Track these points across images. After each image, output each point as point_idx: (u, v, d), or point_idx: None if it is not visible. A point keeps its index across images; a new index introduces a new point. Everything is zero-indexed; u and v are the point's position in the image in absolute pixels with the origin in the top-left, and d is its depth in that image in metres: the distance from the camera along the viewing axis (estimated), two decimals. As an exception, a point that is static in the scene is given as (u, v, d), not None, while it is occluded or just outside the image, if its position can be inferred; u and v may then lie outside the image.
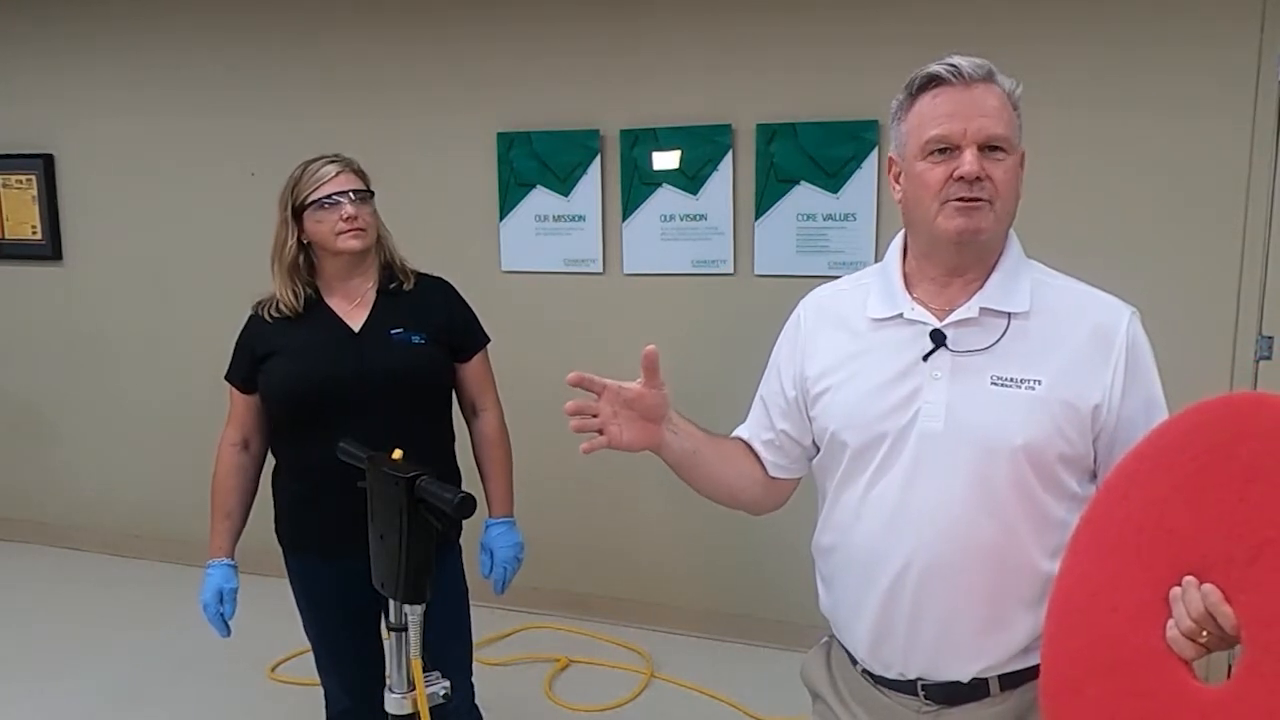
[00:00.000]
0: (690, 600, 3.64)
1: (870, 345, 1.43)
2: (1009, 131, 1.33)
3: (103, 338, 4.31)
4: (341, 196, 2.06)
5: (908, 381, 1.38)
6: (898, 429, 1.37)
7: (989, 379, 1.34)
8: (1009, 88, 1.35)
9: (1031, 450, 1.32)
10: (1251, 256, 2.88)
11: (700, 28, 3.32)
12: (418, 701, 1.62)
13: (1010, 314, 1.36)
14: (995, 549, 1.34)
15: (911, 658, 1.41)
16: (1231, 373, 2.92)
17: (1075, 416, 1.32)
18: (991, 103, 1.32)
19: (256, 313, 2.16)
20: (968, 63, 1.32)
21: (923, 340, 1.38)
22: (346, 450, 1.73)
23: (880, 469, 1.39)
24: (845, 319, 1.48)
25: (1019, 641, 1.37)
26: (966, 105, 1.32)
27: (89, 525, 4.47)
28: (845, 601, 1.49)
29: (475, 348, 2.28)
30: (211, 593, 2.13)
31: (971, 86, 1.32)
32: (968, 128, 1.31)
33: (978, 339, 1.36)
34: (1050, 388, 1.32)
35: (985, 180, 1.31)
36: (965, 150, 1.31)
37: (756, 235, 3.34)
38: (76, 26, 4.11)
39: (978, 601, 1.36)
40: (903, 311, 1.41)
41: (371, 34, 3.71)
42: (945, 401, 1.35)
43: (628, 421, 1.44)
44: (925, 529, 1.36)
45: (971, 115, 1.31)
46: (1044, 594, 1.34)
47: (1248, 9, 2.78)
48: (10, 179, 4.28)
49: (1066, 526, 1.34)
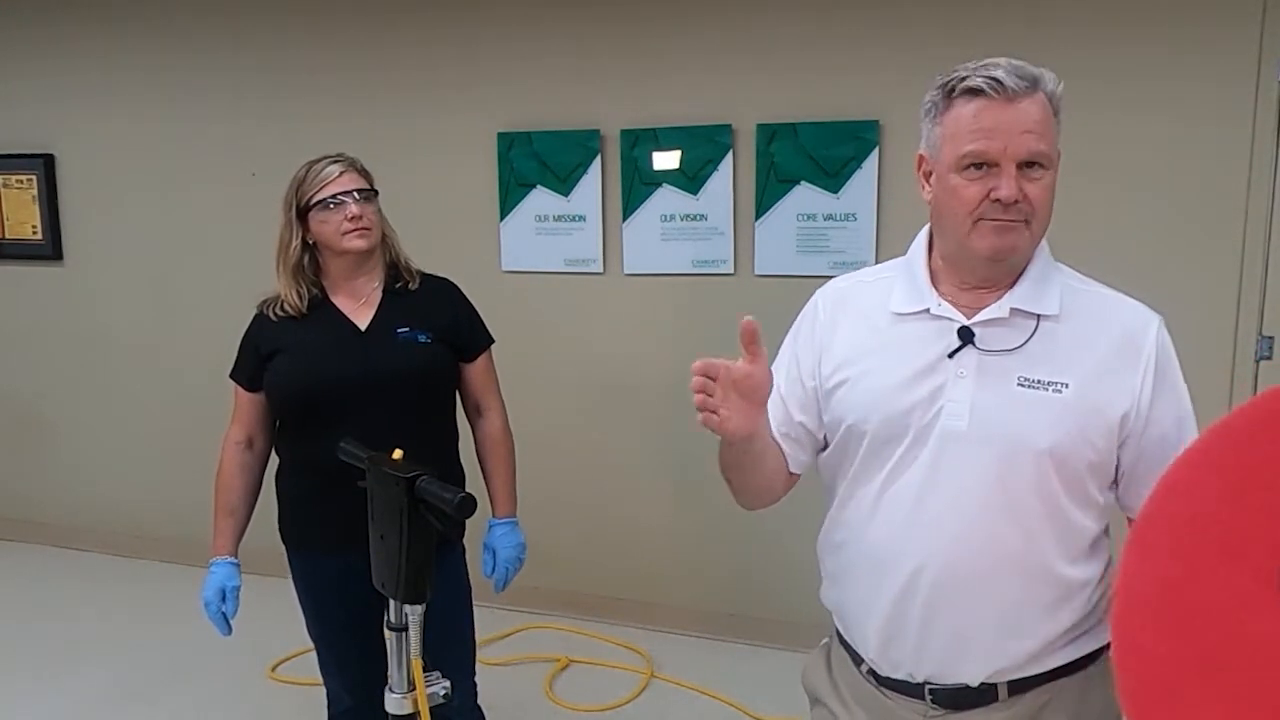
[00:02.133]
0: (690, 600, 3.64)
1: (892, 339, 1.40)
2: (1049, 147, 1.29)
3: (103, 338, 4.31)
4: (346, 196, 2.06)
5: (931, 378, 1.34)
6: (919, 426, 1.34)
7: (1016, 380, 1.31)
8: (1051, 89, 1.30)
9: (1057, 454, 1.29)
10: (1251, 257, 2.88)
11: (701, 28, 3.33)
12: (418, 701, 1.62)
13: (1040, 315, 1.33)
14: (1014, 553, 1.32)
15: (922, 659, 1.39)
16: (1231, 373, 2.92)
17: (1102, 422, 1.30)
18: (1034, 116, 1.27)
19: (262, 311, 2.16)
20: (1011, 76, 1.26)
21: (949, 336, 1.35)
22: (347, 450, 1.73)
23: (898, 467, 1.36)
24: (866, 312, 1.44)
25: (1034, 647, 1.35)
26: (1007, 122, 1.26)
27: (89, 525, 4.47)
28: (854, 599, 1.46)
29: (480, 348, 2.28)
30: (213, 590, 2.12)
31: (1014, 101, 1.26)
32: (1008, 145, 1.26)
33: (1006, 339, 1.33)
34: (1078, 392, 1.29)
35: (1022, 201, 1.28)
36: (1004, 170, 1.27)
37: (757, 235, 3.34)
38: (77, 27, 4.11)
39: (994, 606, 1.33)
40: (929, 307, 1.37)
41: (371, 34, 3.71)
42: (970, 400, 1.32)
43: (735, 405, 1.29)
44: (943, 530, 1.33)
45: (1012, 132, 1.26)
46: (1062, 599, 1.33)
47: (1248, 12, 2.78)
48: (10, 179, 4.28)
49: (1087, 532, 1.33)
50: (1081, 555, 1.34)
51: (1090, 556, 1.35)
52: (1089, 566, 1.35)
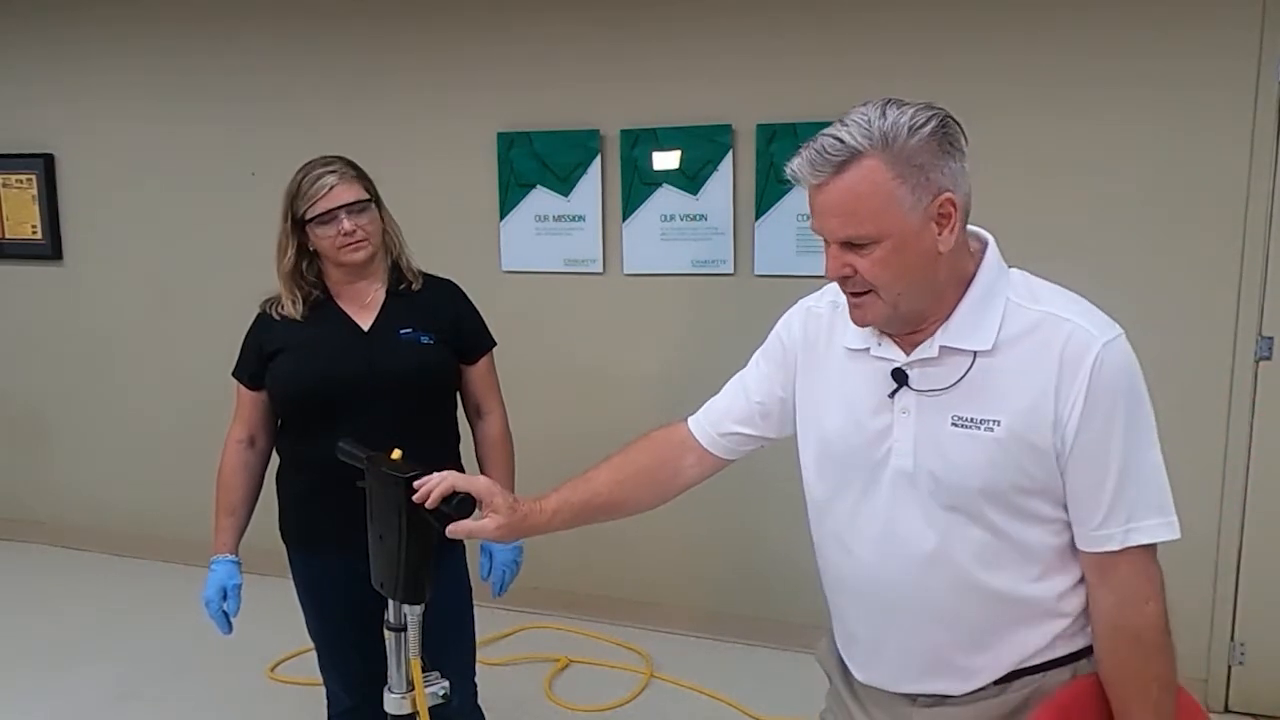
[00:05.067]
0: (690, 600, 3.64)
1: (847, 374, 1.42)
2: (865, 225, 1.24)
3: (103, 338, 4.31)
4: (339, 211, 2.05)
5: (881, 417, 1.36)
6: (874, 463, 1.37)
7: (950, 419, 1.31)
8: (893, 147, 1.22)
9: (989, 492, 1.29)
10: (1251, 257, 2.87)
11: (701, 28, 3.32)
12: (417, 701, 1.62)
13: (975, 351, 1.30)
14: (976, 582, 1.33)
15: (901, 679, 1.42)
16: (1231, 373, 2.92)
17: (1035, 453, 1.27)
18: (840, 201, 1.25)
19: (265, 310, 2.16)
20: (809, 163, 1.25)
21: (889, 377, 1.36)
22: (345, 450, 1.73)
23: (860, 501, 1.39)
24: (830, 342, 1.46)
25: (1009, 660, 1.36)
26: (819, 206, 1.28)
27: (89, 525, 4.47)
28: (838, 618, 1.51)
29: (482, 350, 2.28)
30: (214, 589, 2.12)
31: (821, 187, 1.26)
32: (822, 227, 1.29)
33: (939, 377, 1.32)
34: (1009, 428, 1.27)
35: (854, 275, 1.29)
36: (828, 248, 1.30)
37: (756, 235, 3.34)
38: (77, 27, 4.11)
39: (967, 631, 1.35)
40: (870, 347, 1.39)
41: (371, 34, 3.71)
42: (913, 439, 1.33)
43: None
44: (909, 565, 1.35)
45: (824, 216, 1.28)
46: (1036, 615, 1.34)
47: (1248, 13, 2.78)
48: (10, 179, 4.28)
49: (1048, 548, 1.33)
50: (1048, 571, 1.33)
51: (1059, 568, 1.34)
52: (1059, 579, 1.34)
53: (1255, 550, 2.99)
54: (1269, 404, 2.91)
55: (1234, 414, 2.94)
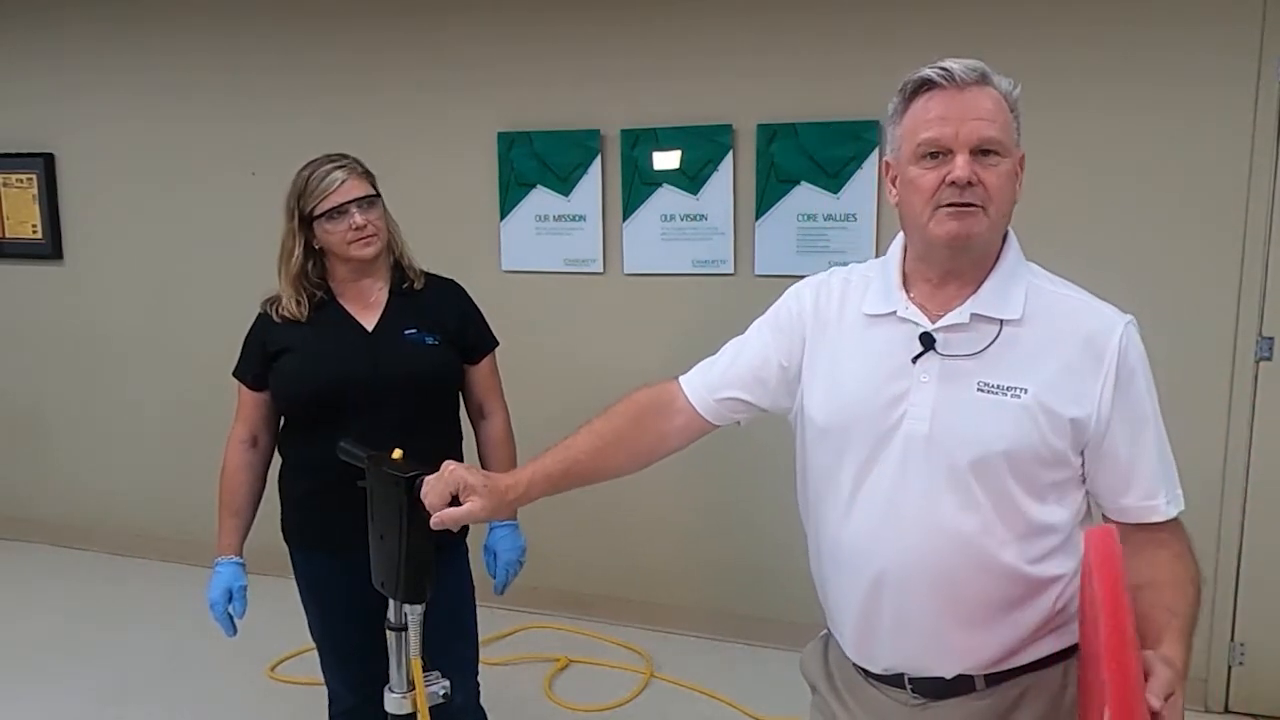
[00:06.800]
0: (690, 600, 3.64)
1: (863, 341, 1.43)
2: (1003, 135, 1.31)
3: (103, 338, 4.31)
4: (351, 205, 2.05)
5: (897, 382, 1.37)
6: (885, 429, 1.37)
7: (976, 385, 1.33)
8: (1005, 89, 1.33)
9: (1013, 457, 1.31)
10: (1251, 257, 2.88)
11: (701, 28, 3.33)
12: (417, 701, 1.62)
13: (1002, 320, 1.35)
14: (978, 553, 1.34)
15: (895, 655, 1.42)
16: (1232, 373, 2.92)
17: (1060, 425, 1.31)
18: (985, 105, 1.31)
19: (266, 311, 2.16)
20: (960, 65, 1.31)
21: (913, 342, 1.37)
22: (346, 450, 1.73)
23: (865, 468, 1.39)
24: (843, 312, 1.47)
25: (1007, 641, 1.37)
26: (958, 109, 1.30)
27: (89, 525, 4.47)
28: (833, 595, 1.50)
29: (485, 350, 2.28)
30: (220, 591, 2.12)
31: (964, 89, 1.30)
32: (959, 131, 1.29)
33: (967, 344, 1.35)
34: (1036, 396, 1.30)
35: (978, 185, 1.30)
36: (957, 155, 1.29)
37: (757, 235, 3.34)
38: (77, 27, 4.11)
39: (962, 604, 1.36)
40: (896, 309, 1.40)
41: (371, 34, 3.71)
42: (932, 405, 1.34)
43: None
44: (910, 531, 1.36)
45: (964, 118, 1.30)
46: (1030, 596, 1.35)
47: (1248, 12, 2.78)
48: (10, 179, 4.28)
49: (1052, 531, 1.34)
50: (1048, 553, 1.35)
51: (1058, 554, 1.36)
52: (1057, 563, 1.36)
53: (1255, 551, 2.99)
54: (1269, 404, 2.92)
55: (1234, 414, 2.94)
